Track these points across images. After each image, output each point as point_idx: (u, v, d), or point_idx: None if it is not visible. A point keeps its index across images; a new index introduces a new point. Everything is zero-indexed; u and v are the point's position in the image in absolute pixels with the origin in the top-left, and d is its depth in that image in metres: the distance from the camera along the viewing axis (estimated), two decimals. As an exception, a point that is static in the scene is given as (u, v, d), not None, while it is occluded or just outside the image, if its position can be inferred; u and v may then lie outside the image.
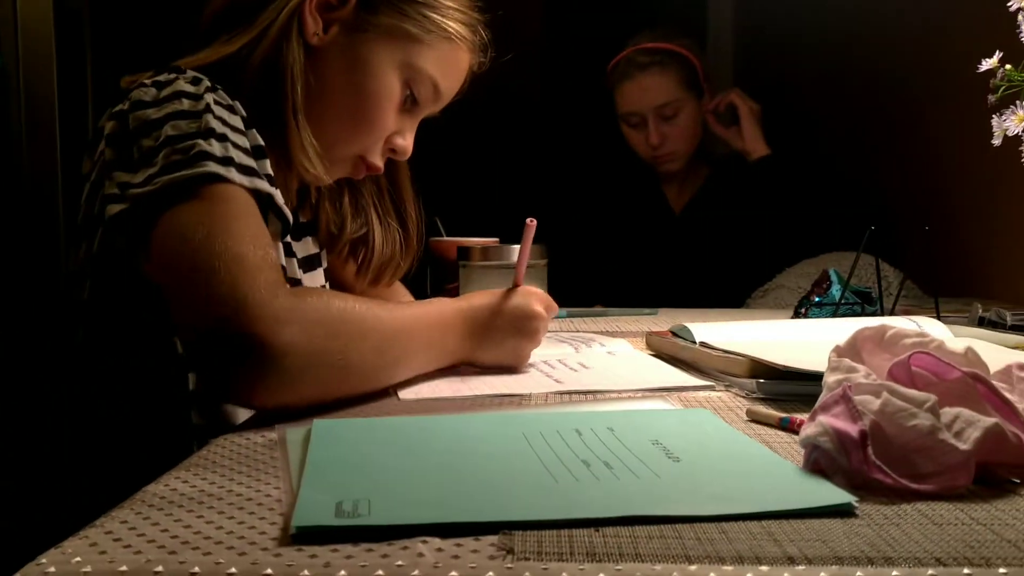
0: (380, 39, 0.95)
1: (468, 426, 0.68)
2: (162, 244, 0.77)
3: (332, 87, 0.95)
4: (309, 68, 0.94)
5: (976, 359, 0.63)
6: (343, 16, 0.95)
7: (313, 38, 0.94)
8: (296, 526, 0.46)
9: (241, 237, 0.74)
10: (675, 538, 0.46)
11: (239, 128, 0.85)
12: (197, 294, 0.72)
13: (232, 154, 0.80)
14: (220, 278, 0.71)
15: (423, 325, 0.85)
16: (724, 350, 0.90)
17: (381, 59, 0.96)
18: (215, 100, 0.84)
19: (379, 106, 0.97)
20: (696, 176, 2.06)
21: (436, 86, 1.00)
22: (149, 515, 0.49)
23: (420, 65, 0.97)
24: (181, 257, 0.74)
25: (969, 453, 0.54)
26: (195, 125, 0.80)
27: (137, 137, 0.82)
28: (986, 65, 1.06)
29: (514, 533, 0.46)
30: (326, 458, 0.58)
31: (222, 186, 0.78)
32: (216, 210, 0.76)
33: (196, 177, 0.77)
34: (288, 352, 0.70)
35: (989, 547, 0.45)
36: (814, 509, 0.50)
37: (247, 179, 0.80)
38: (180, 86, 0.84)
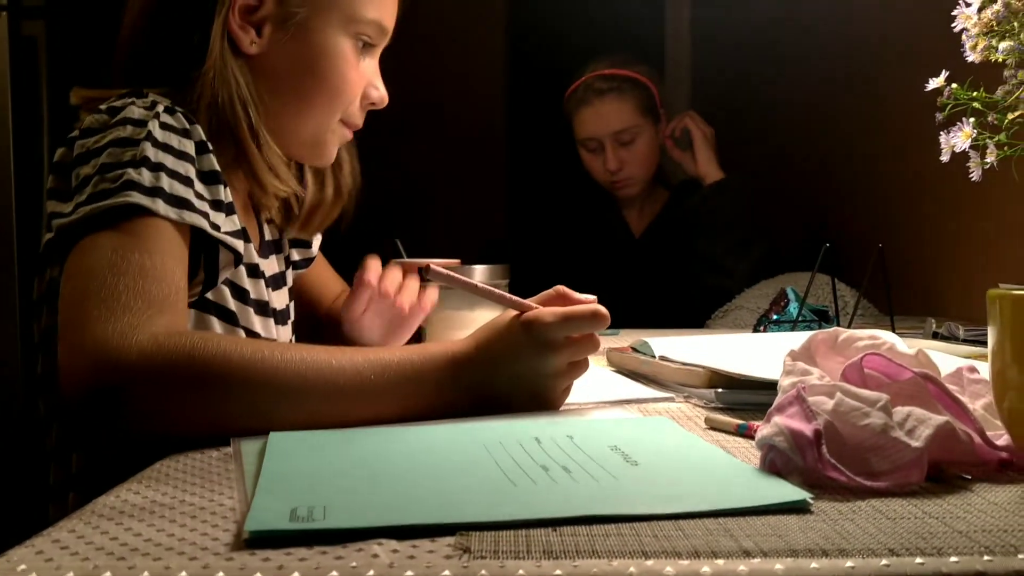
0: (311, 14, 0.94)
1: (426, 436, 0.67)
2: (65, 274, 0.75)
3: (292, 79, 0.94)
4: (260, 76, 0.93)
5: (927, 361, 0.64)
6: (269, 12, 0.93)
7: (251, 47, 0.93)
8: (249, 530, 0.45)
9: (135, 272, 0.72)
10: (632, 536, 0.46)
11: (187, 154, 0.83)
12: (64, 331, 0.71)
13: (163, 184, 0.79)
14: (84, 317, 0.69)
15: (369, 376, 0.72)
16: (683, 362, 0.90)
17: (323, 31, 0.95)
18: (163, 125, 0.83)
19: (341, 74, 0.96)
20: (655, 200, 2.08)
21: (379, 23, 0.99)
22: (99, 524, 0.48)
23: (358, 15, 0.96)
24: (72, 290, 0.73)
25: (921, 450, 0.55)
26: (130, 154, 0.79)
27: (77, 165, 0.81)
28: (933, 84, 1.09)
29: (471, 534, 0.46)
30: (281, 467, 0.57)
31: (144, 219, 0.77)
32: (125, 242, 0.75)
33: (117, 208, 0.76)
34: (127, 399, 0.66)
35: (941, 538, 0.46)
36: (770, 506, 0.50)
37: (175, 211, 0.78)
38: (129, 112, 0.83)
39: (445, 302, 1.27)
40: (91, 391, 0.67)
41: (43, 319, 0.87)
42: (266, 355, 0.70)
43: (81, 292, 0.72)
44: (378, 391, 0.72)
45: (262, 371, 0.69)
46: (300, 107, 0.96)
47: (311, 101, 0.96)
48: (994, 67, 1.03)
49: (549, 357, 0.76)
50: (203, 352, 0.68)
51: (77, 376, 0.67)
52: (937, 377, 0.61)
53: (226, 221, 0.86)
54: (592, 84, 2.02)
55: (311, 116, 0.97)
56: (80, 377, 0.67)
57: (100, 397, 0.67)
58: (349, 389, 0.71)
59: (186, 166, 0.82)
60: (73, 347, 0.69)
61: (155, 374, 0.67)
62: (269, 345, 0.72)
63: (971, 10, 1.04)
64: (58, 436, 0.88)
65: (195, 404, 0.68)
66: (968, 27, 1.05)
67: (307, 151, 1.00)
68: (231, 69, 0.90)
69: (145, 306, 0.71)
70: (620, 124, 1.99)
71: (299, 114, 0.96)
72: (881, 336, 0.67)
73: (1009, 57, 0.99)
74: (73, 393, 0.67)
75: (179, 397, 0.68)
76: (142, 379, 0.67)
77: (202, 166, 0.85)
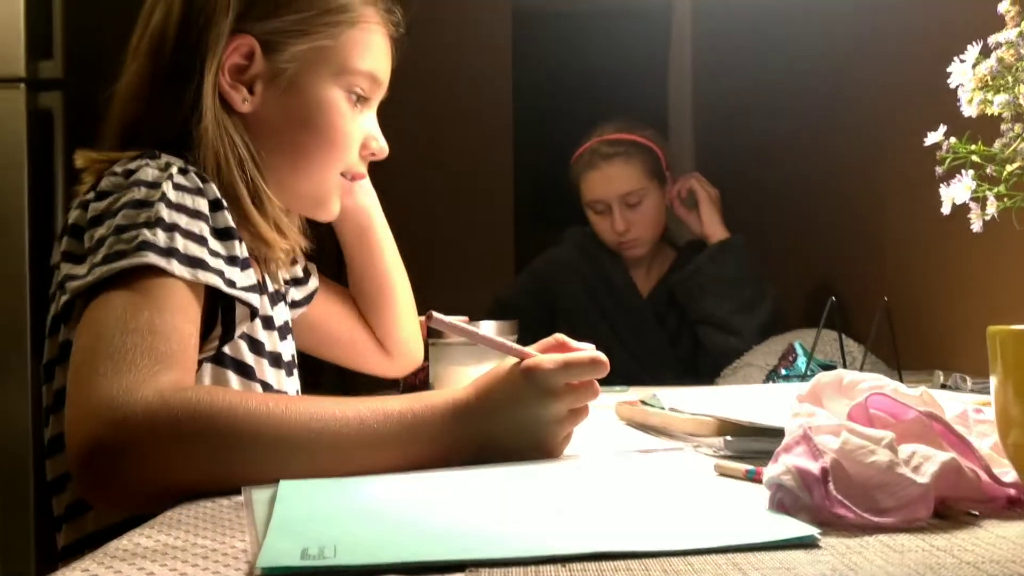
0: (301, 69, 0.95)
1: (436, 481, 0.68)
2: (77, 332, 0.76)
3: (288, 134, 0.96)
4: (257, 133, 0.94)
5: (931, 401, 0.64)
6: (259, 71, 0.94)
7: (244, 106, 0.94)
8: (261, 567, 0.45)
9: (144, 330, 0.73)
10: (642, 570, 0.46)
11: (201, 213, 0.84)
12: (72, 388, 0.72)
13: (178, 244, 0.80)
14: (90, 373, 0.70)
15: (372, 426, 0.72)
16: (692, 413, 0.91)
17: (314, 85, 0.96)
18: (176, 186, 0.84)
19: (336, 126, 0.97)
20: (662, 260, 2.09)
21: (372, 75, 1.00)
22: (111, 565, 0.49)
23: (348, 66, 0.97)
24: (81, 348, 0.74)
25: (928, 486, 0.55)
26: (145, 215, 0.80)
27: (91, 227, 0.83)
28: (932, 138, 1.11)
29: (480, 570, 0.46)
30: (292, 512, 0.58)
31: (158, 279, 0.78)
32: (137, 301, 0.75)
33: (132, 268, 0.77)
34: (131, 454, 0.67)
35: (950, 569, 0.46)
36: (778, 542, 0.50)
37: (189, 271, 0.79)
38: (143, 174, 0.84)
39: (449, 358, 1.28)
40: (96, 446, 0.67)
41: (55, 381, 0.88)
42: (271, 408, 0.70)
43: (90, 350, 0.73)
44: (381, 440, 0.72)
45: (267, 424, 0.70)
46: (298, 162, 0.97)
47: (309, 155, 0.98)
48: (991, 120, 1.05)
49: (549, 404, 0.76)
50: (208, 407, 0.69)
51: (83, 431, 0.68)
52: (942, 416, 0.61)
53: (242, 276, 0.87)
54: (599, 149, 2.05)
55: (310, 171, 0.98)
56: (85, 432, 0.68)
57: (105, 453, 0.67)
58: (353, 439, 0.71)
59: (200, 225, 0.83)
60: (79, 403, 0.70)
61: (160, 429, 0.68)
62: (274, 398, 0.73)
63: (966, 65, 1.07)
64: (70, 498, 0.88)
65: (200, 459, 0.69)
66: (964, 82, 1.08)
67: (310, 206, 1.01)
68: (226, 129, 0.92)
69: (152, 363, 0.72)
70: (627, 187, 2.01)
71: (297, 169, 0.97)
72: (885, 380, 0.67)
73: (1005, 110, 1.00)
74: (78, 449, 0.68)
75: (184, 452, 0.68)
76: (147, 434, 0.67)
77: (216, 223, 0.86)
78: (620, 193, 2.01)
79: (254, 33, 0.94)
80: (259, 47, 0.94)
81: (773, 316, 1.90)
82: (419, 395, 0.79)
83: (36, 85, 1.95)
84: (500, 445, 0.76)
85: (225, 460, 0.69)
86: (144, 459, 0.67)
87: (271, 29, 0.95)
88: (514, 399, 0.76)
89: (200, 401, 0.69)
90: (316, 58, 0.96)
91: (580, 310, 2.04)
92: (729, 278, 1.92)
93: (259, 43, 0.94)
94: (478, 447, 0.75)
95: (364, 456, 0.72)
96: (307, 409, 0.71)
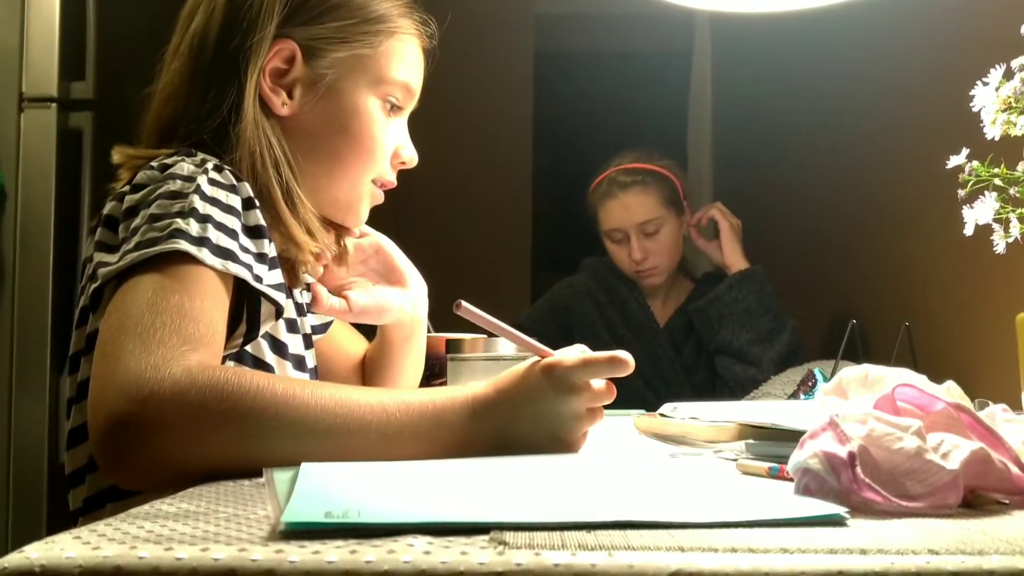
0: (340, 75, 0.97)
1: (458, 464, 0.67)
2: (104, 316, 0.77)
3: (324, 139, 0.98)
4: (293, 137, 0.96)
5: (959, 394, 0.63)
6: (299, 75, 0.96)
7: (283, 109, 0.96)
8: (285, 521, 0.45)
9: (173, 311, 0.73)
10: (667, 535, 0.46)
11: (234, 208, 0.86)
12: (98, 364, 0.72)
13: (210, 235, 0.80)
14: (119, 350, 0.70)
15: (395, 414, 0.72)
16: (711, 420, 0.90)
17: (351, 92, 0.98)
18: (211, 181, 0.85)
19: (371, 133, 0.99)
20: (679, 290, 2.09)
21: (406, 85, 1.02)
22: (135, 522, 0.49)
23: (385, 75, 0.99)
24: (109, 327, 0.74)
25: (956, 473, 0.55)
26: (179, 205, 0.81)
27: (126, 218, 0.84)
28: (954, 162, 1.11)
29: (505, 531, 0.46)
30: (315, 483, 0.57)
31: (188, 266, 0.78)
32: (167, 284, 0.76)
33: (164, 254, 0.78)
34: (157, 430, 0.67)
35: (982, 543, 0.45)
36: (806, 519, 0.50)
37: (219, 261, 0.80)
38: (179, 168, 0.86)
39: (469, 373, 1.28)
40: (121, 421, 0.67)
41: (80, 372, 0.89)
42: (297, 391, 0.71)
43: (118, 328, 0.73)
44: (402, 430, 0.72)
45: (294, 407, 0.70)
46: (332, 166, 0.99)
47: (344, 161, 0.99)
48: (1014, 142, 1.05)
49: (568, 400, 0.77)
50: (236, 386, 0.69)
51: (107, 406, 0.68)
52: (970, 408, 0.61)
53: (269, 275, 0.87)
54: (616, 178, 2.06)
55: (344, 176, 1.00)
56: (110, 407, 0.68)
57: (130, 428, 0.67)
58: (376, 427, 0.72)
59: (232, 219, 0.84)
60: (105, 378, 0.70)
61: (187, 407, 0.68)
62: (300, 383, 0.73)
63: (989, 88, 1.07)
64: (88, 491, 0.88)
65: (225, 438, 0.68)
66: (987, 104, 1.08)
67: (341, 211, 1.02)
68: (263, 130, 0.93)
69: (180, 343, 0.72)
70: (645, 216, 2.02)
71: (332, 173, 0.99)
72: (911, 374, 0.67)
73: (1028, 132, 1.01)
74: (104, 423, 0.68)
75: (210, 430, 0.68)
76: (174, 411, 0.67)
77: (248, 221, 0.87)
78: (638, 222, 2.01)
79: (296, 38, 0.96)
80: (300, 52, 0.96)
81: (791, 347, 1.89)
82: (440, 389, 0.80)
83: (68, 105, 1.98)
84: (518, 440, 0.76)
85: (250, 440, 0.69)
86: (169, 435, 0.67)
87: (313, 35, 0.97)
88: (533, 395, 0.77)
89: (228, 381, 0.69)
90: (355, 65, 0.98)
91: (597, 338, 2.03)
92: (748, 308, 1.92)
93: (300, 48, 0.96)
94: (496, 441, 0.76)
95: (386, 445, 0.72)
96: (333, 395, 0.71)
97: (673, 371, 2.00)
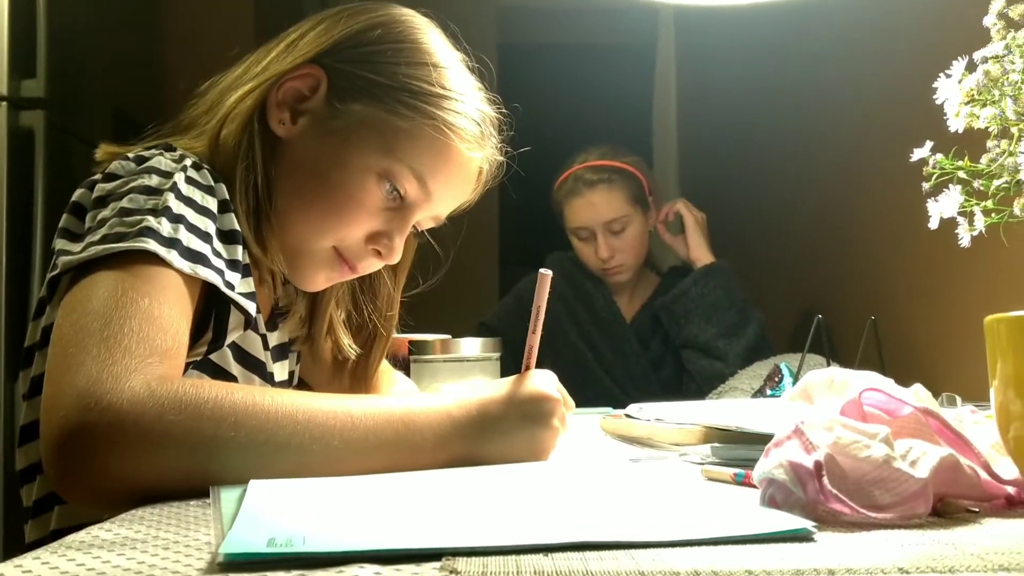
0: (353, 130, 0.89)
1: (412, 477, 0.65)
2: (66, 307, 0.73)
3: (300, 176, 0.91)
4: (272, 159, 0.90)
5: (927, 397, 0.62)
6: (313, 108, 0.90)
7: (279, 128, 0.90)
8: (224, 553, 0.43)
9: (142, 317, 0.70)
10: (628, 558, 0.44)
11: (210, 211, 0.82)
12: (56, 367, 0.68)
13: (181, 237, 0.77)
14: (81, 354, 0.66)
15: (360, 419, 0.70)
16: (677, 422, 0.88)
17: (354, 146, 0.89)
18: (188, 179, 0.82)
19: (347, 194, 0.89)
20: (646, 286, 2.08)
21: (423, 183, 0.91)
22: (65, 554, 0.46)
23: (400, 157, 0.89)
24: (71, 325, 0.70)
25: (925, 481, 0.53)
26: (153, 202, 0.78)
27: (96, 207, 0.80)
28: (918, 154, 1.10)
29: (457, 558, 0.44)
30: (260, 504, 0.55)
31: (154, 267, 0.74)
32: (136, 286, 0.72)
33: (130, 252, 0.74)
34: (111, 444, 0.63)
35: (953, 559, 0.44)
36: (772, 535, 0.48)
37: (189, 265, 0.76)
38: (157, 163, 0.82)
39: (432, 375, 1.26)
40: (75, 432, 0.63)
41: (33, 367, 0.85)
42: (256, 399, 0.68)
43: (82, 329, 0.69)
44: (367, 435, 0.70)
45: (252, 415, 0.67)
46: (294, 205, 0.91)
47: (309, 205, 0.91)
48: (978, 134, 1.04)
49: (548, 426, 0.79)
50: (194, 397, 0.66)
51: (62, 413, 0.64)
52: (938, 412, 0.59)
53: (241, 282, 0.83)
54: (582, 175, 2.04)
55: (302, 221, 0.91)
56: (66, 415, 0.64)
57: (84, 439, 0.63)
58: (339, 432, 0.69)
59: (206, 222, 0.81)
60: (62, 384, 0.66)
61: (144, 420, 0.64)
62: (260, 390, 0.70)
63: (952, 80, 1.06)
64: (37, 492, 0.85)
65: (181, 453, 0.65)
66: (950, 96, 1.07)
67: (287, 259, 0.93)
68: (252, 135, 0.89)
69: (146, 353, 0.68)
70: (611, 215, 2.00)
71: (290, 212, 0.91)
72: (877, 377, 0.66)
73: (992, 124, 1.00)
74: (58, 432, 0.64)
75: (168, 445, 0.65)
76: (131, 424, 0.64)
77: (223, 224, 0.84)
78: (604, 220, 2.00)
79: (329, 71, 0.91)
80: (327, 86, 0.91)
81: (758, 341, 1.88)
82: (414, 396, 0.78)
83: (18, 104, 1.92)
84: (490, 457, 0.76)
85: (207, 452, 0.66)
86: (124, 450, 0.64)
87: (347, 76, 0.91)
88: (513, 421, 0.78)
89: (186, 393, 0.66)
90: (376, 128, 0.89)
91: (563, 334, 2.02)
92: (714, 302, 1.91)
93: (329, 82, 0.91)
94: (468, 456, 0.75)
95: (351, 452, 0.70)
96: (294, 401, 0.69)
97: (640, 366, 1.99)
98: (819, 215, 2.17)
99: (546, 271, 0.84)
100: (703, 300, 1.91)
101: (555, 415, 0.79)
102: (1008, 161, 0.99)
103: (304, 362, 1.11)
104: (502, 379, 0.82)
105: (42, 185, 2.00)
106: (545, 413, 0.78)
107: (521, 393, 0.78)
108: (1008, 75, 1.02)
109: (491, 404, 0.77)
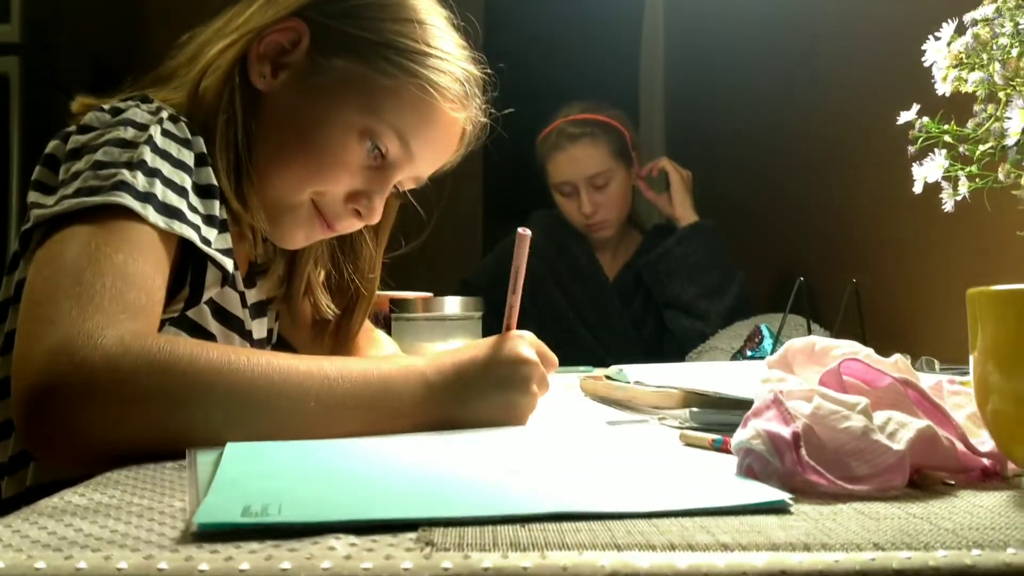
0: (336, 86, 0.88)
1: (390, 444, 0.65)
2: (38, 263, 0.71)
3: (281, 131, 0.89)
4: (252, 113, 0.88)
5: (906, 368, 0.62)
6: (295, 60, 0.88)
7: (259, 81, 0.89)
8: (198, 523, 0.42)
9: (115, 273, 0.68)
10: (604, 530, 0.44)
11: (186, 164, 0.80)
12: (26, 322, 0.67)
13: (156, 191, 0.75)
14: (53, 310, 0.65)
15: (337, 381, 0.69)
16: (657, 385, 0.89)
17: (335, 103, 0.88)
18: (164, 132, 0.80)
19: (331, 150, 0.88)
20: (628, 243, 2.08)
21: (405, 142, 0.90)
22: (37, 521, 0.45)
23: (382, 116, 0.88)
24: (43, 280, 0.69)
25: (903, 453, 0.53)
26: (128, 155, 0.76)
27: (69, 159, 0.78)
28: (905, 117, 1.10)
29: (433, 529, 0.43)
30: (236, 471, 0.54)
31: (129, 222, 0.73)
32: (109, 241, 0.70)
33: (104, 206, 0.73)
34: (83, 401, 0.62)
35: (927, 535, 0.44)
36: (748, 506, 0.48)
37: (164, 220, 0.75)
38: (132, 114, 0.80)
39: (414, 333, 1.25)
40: (47, 389, 0.62)
41: (6, 323, 0.84)
42: (232, 358, 0.67)
43: (53, 284, 0.68)
44: (344, 397, 0.69)
45: (227, 373, 0.66)
46: (274, 161, 0.89)
47: (289, 160, 0.89)
48: (965, 99, 1.03)
49: (528, 388, 0.78)
50: (168, 354, 0.65)
51: (33, 369, 0.63)
52: (917, 383, 0.59)
53: (218, 238, 0.82)
54: (565, 129, 2.02)
55: (281, 176, 0.89)
56: (37, 371, 0.63)
57: (56, 396, 0.62)
58: (316, 392, 0.68)
59: (182, 176, 0.79)
60: (33, 340, 0.65)
61: (117, 376, 0.63)
62: (236, 349, 0.69)
63: (941, 43, 1.05)
64: (13, 448, 0.84)
65: (156, 410, 0.64)
66: (938, 59, 1.06)
67: (269, 216, 0.91)
68: (232, 89, 0.87)
69: (119, 310, 0.67)
70: (594, 169, 1.99)
71: (269, 166, 0.89)
72: (858, 346, 0.66)
73: (979, 88, 0.99)
74: (29, 390, 0.63)
75: (141, 402, 0.64)
76: (105, 381, 0.63)
77: (199, 179, 0.82)
78: (587, 175, 1.99)
79: (312, 24, 0.89)
80: (308, 40, 0.89)
81: (740, 301, 1.89)
82: (392, 357, 0.78)
83: (-9, 49, 1.89)
84: (469, 419, 0.75)
85: (182, 411, 0.65)
86: (97, 407, 0.63)
87: (331, 30, 0.89)
88: (492, 382, 0.77)
89: (160, 349, 0.65)
90: (358, 85, 0.88)
91: (546, 292, 2.02)
92: (697, 262, 1.91)
93: (311, 36, 0.89)
94: (447, 417, 0.75)
95: (327, 414, 0.69)
96: (270, 361, 0.68)
97: (621, 325, 1.99)
98: (804, 175, 2.16)
99: (524, 230, 0.83)
100: (686, 260, 1.91)
101: (533, 380, 0.78)
102: (995, 126, 0.99)
103: (284, 322, 1.10)
104: (481, 340, 0.81)
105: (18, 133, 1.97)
106: (523, 378, 0.77)
107: (499, 356, 0.77)
108: (997, 39, 1.01)
109: (469, 367, 0.76)
